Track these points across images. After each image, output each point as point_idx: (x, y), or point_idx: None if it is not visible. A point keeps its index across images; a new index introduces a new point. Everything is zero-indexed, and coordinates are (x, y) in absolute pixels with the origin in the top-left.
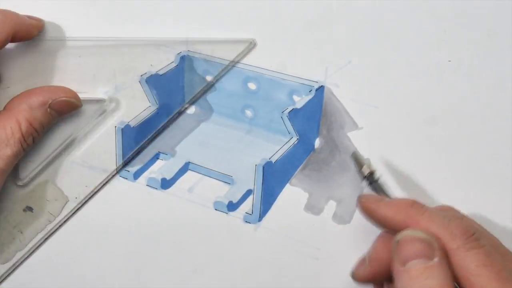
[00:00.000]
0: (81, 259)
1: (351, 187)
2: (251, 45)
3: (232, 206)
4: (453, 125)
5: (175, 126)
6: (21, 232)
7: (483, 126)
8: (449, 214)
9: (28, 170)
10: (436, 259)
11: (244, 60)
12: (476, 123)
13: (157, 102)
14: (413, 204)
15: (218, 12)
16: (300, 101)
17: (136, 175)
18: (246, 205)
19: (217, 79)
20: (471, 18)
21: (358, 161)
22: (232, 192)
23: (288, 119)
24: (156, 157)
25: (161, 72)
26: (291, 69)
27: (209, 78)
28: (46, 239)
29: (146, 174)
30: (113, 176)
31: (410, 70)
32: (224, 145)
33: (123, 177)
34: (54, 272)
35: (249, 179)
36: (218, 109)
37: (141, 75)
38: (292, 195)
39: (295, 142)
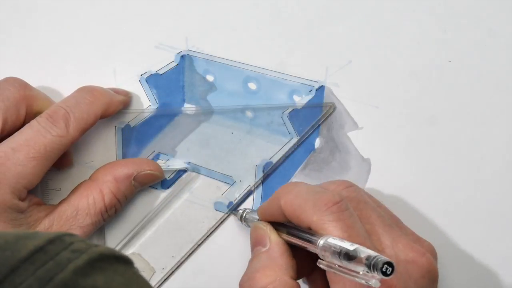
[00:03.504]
0: None
1: None
2: (331, 109)
3: (232, 206)
4: (453, 125)
5: (175, 126)
6: None
7: (483, 126)
8: (325, 187)
9: (115, 242)
10: (266, 247)
11: (245, 60)
12: (476, 123)
13: (157, 102)
14: (284, 186)
15: (219, 12)
16: (300, 101)
17: None
18: (246, 205)
19: (302, 140)
20: (471, 18)
21: (234, 214)
22: (232, 192)
23: (288, 119)
24: (156, 157)
25: (161, 72)
26: (291, 69)
27: (209, 78)
28: None
29: None
30: (198, 246)
31: (410, 70)
32: (224, 145)
33: None
34: None
35: (249, 179)
36: (218, 109)
37: (141, 75)
38: None
39: (295, 142)
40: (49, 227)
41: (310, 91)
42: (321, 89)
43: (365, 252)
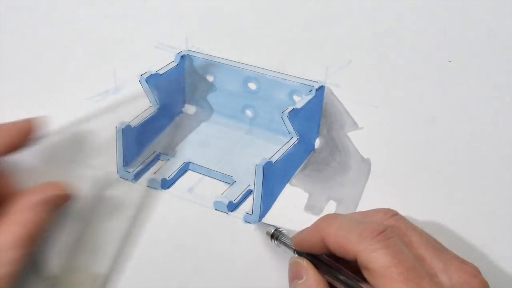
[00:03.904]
0: None
1: (351, 187)
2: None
3: (232, 206)
4: (453, 125)
5: (175, 126)
6: None
7: (482, 126)
8: (366, 217)
9: (49, 263)
10: (303, 279)
11: (245, 60)
12: (476, 123)
13: (158, 102)
14: (325, 218)
15: (219, 12)
16: (300, 101)
17: (137, 176)
18: (246, 205)
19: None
20: (471, 18)
21: (263, 228)
22: (232, 192)
23: (288, 119)
24: (156, 157)
25: (161, 72)
26: (291, 69)
27: (209, 78)
28: None
29: (146, 175)
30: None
31: (410, 70)
32: (224, 145)
33: (123, 178)
34: None
35: (249, 179)
36: (218, 109)
37: (141, 75)
38: (292, 195)
39: (295, 142)
40: None
41: (310, 91)
42: (321, 89)
43: None
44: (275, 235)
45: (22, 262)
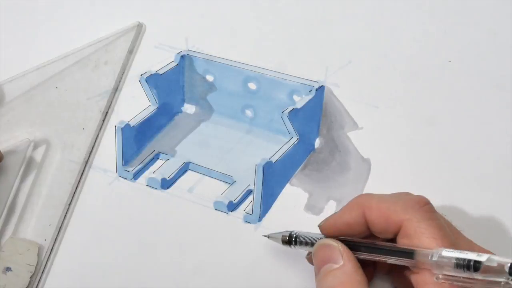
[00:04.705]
0: (82, 260)
1: (351, 187)
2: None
3: (232, 206)
4: (453, 125)
5: (175, 126)
6: None
7: (482, 126)
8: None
9: None
10: (340, 263)
11: (245, 60)
12: (476, 123)
13: (157, 102)
14: (361, 196)
15: (219, 12)
16: (300, 101)
17: (136, 175)
18: (246, 205)
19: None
20: (471, 18)
21: (274, 239)
22: (232, 192)
23: (288, 119)
24: (156, 157)
25: (161, 72)
26: (291, 69)
27: (209, 78)
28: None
29: (146, 174)
30: (69, 206)
31: (410, 70)
32: (224, 145)
33: (123, 177)
34: None
35: (249, 179)
36: (218, 109)
37: (141, 74)
38: (292, 195)
39: (295, 142)
40: None
41: (310, 91)
42: (321, 89)
43: (498, 260)
44: (291, 238)
45: None
